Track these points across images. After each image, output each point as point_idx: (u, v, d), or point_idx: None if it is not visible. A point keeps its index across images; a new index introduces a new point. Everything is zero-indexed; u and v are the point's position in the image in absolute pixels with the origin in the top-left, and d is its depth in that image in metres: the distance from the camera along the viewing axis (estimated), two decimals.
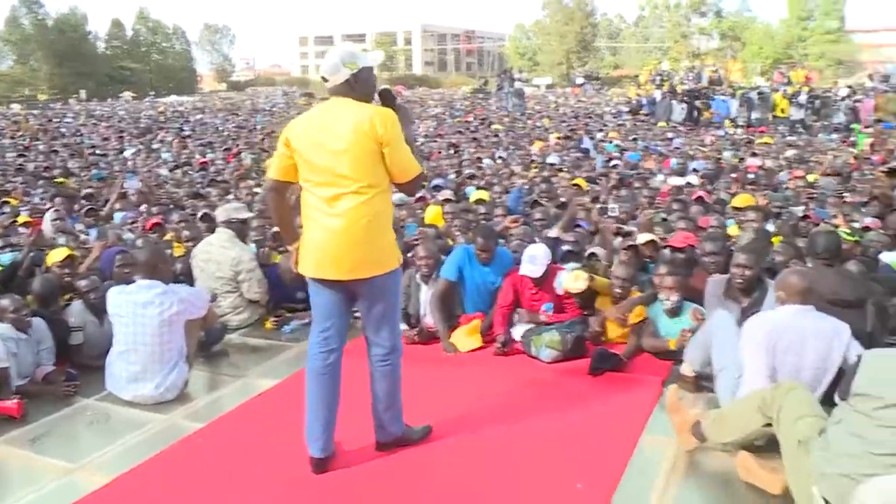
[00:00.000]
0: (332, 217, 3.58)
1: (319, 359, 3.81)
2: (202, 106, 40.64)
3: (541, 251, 5.58)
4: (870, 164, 12.63)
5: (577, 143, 16.94)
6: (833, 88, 28.98)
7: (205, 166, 13.99)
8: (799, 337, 4.00)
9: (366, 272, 3.65)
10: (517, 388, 4.89)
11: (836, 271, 4.76)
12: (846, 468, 3.12)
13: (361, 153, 3.53)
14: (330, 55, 3.67)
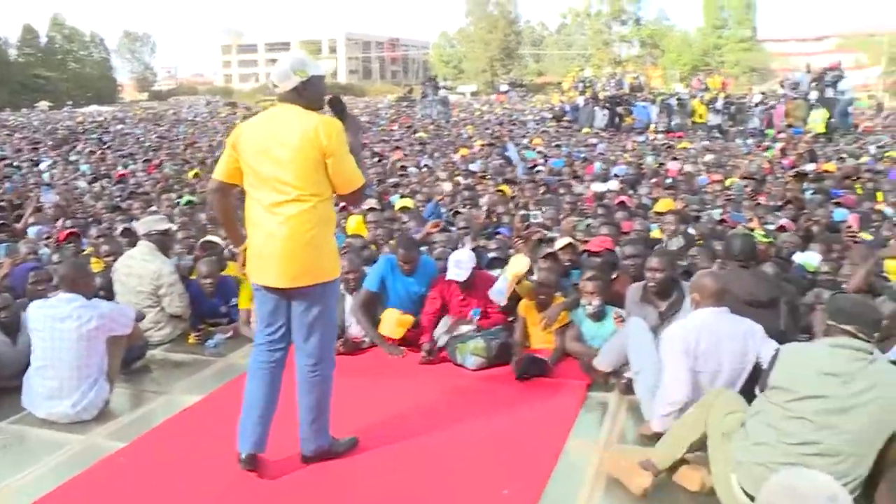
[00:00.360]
0: (275, 223, 3.59)
1: (265, 355, 3.85)
2: (122, 116, 39.65)
3: (465, 255, 5.64)
4: (781, 168, 13.07)
5: (500, 149, 17.08)
6: (748, 95, 29.89)
7: (123, 179, 13.63)
8: (715, 339, 4.11)
9: (305, 281, 3.66)
10: (443, 396, 4.90)
11: (751, 273, 4.87)
12: (761, 457, 3.28)
13: (305, 162, 3.55)
14: (281, 62, 3.70)
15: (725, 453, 3.49)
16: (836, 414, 3.19)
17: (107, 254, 6.61)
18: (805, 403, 3.24)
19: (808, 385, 3.26)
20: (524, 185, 11.03)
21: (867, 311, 3.39)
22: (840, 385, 3.21)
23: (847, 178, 11.40)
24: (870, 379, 3.21)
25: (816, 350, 3.47)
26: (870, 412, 3.17)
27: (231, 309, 6.32)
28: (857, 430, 3.18)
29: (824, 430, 3.20)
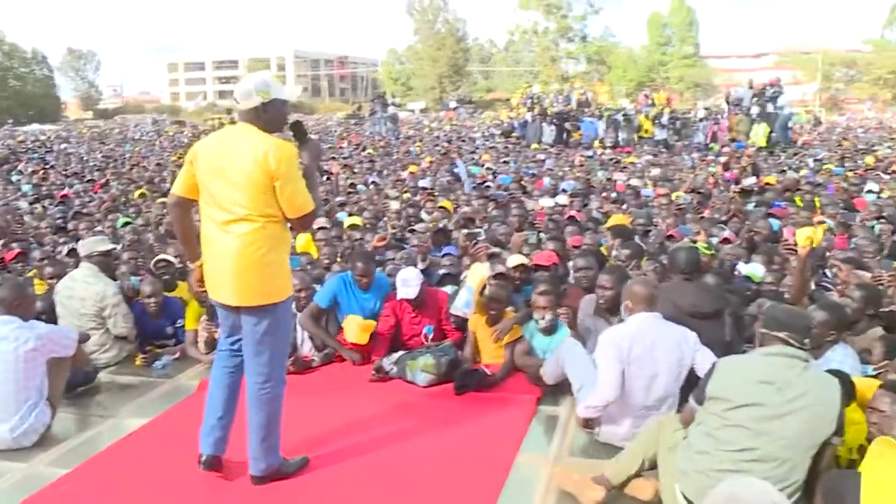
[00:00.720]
0: (226, 242, 3.63)
1: (226, 360, 3.96)
2: (66, 135, 38.92)
3: (412, 274, 5.67)
4: (725, 181, 13.33)
5: (449, 166, 17.16)
6: (692, 110, 30.50)
7: (65, 199, 13.35)
8: (650, 344, 4.20)
9: (255, 300, 3.69)
10: (394, 414, 4.88)
11: (695, 285, 4.94)
12: (702, 465, 3.36)
13: (255, 184, 3.58)
14: (246, 80, 3.74)
15: (670, 464, 3.57)
16: (771, 420, 3.27)
17: (50, 276, 6.48)
18: (742, 411, 3.32)
19: (744, 394, 3.34)
20: (471, 201, 11.08)
21: (799, 319, 3.49)
22: (775, 392, 3.29)
23: (787, 190, 11.68)
24: (804, 386, 3.30)
25: (751, 360, 3.58)
26: (803, 418, 3.26)
27: (178, 330, 6.23)
28: (791, 435, 3.26)
29: (761, 437, 3.27)
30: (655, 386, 4.19)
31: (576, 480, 3.75)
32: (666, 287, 4.85)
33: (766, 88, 24.01)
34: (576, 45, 74.43)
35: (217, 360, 4.03)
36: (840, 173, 14.36)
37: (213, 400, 3.97)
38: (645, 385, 4.19)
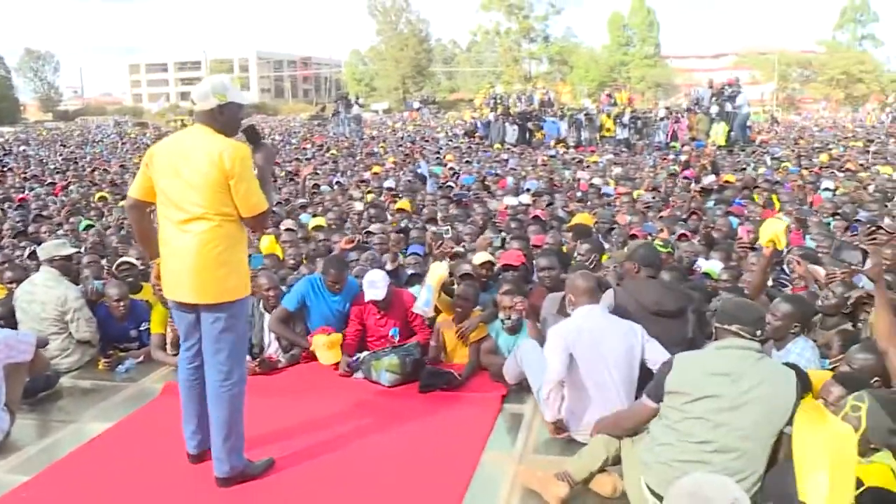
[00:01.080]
0: (183, 241, 3.71)
1: (188, 373, 4.02)
2: (25, 137, 38.24)
3: (379, 276, 5.69)
4: (684, 179, 13.48)
5: (413, 167, 17.17)
6: (653, 109, 30.80)
7: (24, 202, 13.12)
8: (597, 335, 4.33)
9: (212, 297, 3.76)
10: (359, 414, 4.90)
11: (658, 283, 5.00)
12: (664, 456, 3.45)
13: (214, 183, 3.66)
14: (204, 82, 3.84)
15: (634, 457, 3.66)
16: (728, 412, 3.36)
17: (9, 280, 6.40)
18: (700, 404, 3.41)
19: (701, 387, 3.43)
20: (435, 201, 11.10)
21: (749, 311, 3.59)
22: (730, 384, 3.38)
23: (746, 188, 11.88)
24: (758, 376, 3.40)
25: (706, 354, 3.66)
26: (759, 409, 3.35)
27: (142, 333, 6.18)
28: (748, 426, 3.34)
29: (720, 429, 3.36)
30: (608, 377, 4.29)
31: (539, 477, 3.80)
32: (629, 285, 4.91)
33: (725, 88, 24.37)
34: (538, 45, 74.80)
35: (179, 371, 4.10)
36: (795, 172, 14.61)
37: (186, 410, 4.09)
38: (598, 377, 4.29)
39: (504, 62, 74.35)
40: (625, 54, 72.99)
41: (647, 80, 70.21)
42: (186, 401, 4.07)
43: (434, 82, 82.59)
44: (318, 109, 46.73)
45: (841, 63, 65.40)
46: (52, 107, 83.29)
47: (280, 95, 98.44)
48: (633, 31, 73.91)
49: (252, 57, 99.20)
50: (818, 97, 66.34)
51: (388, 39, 79.49)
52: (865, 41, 71.08)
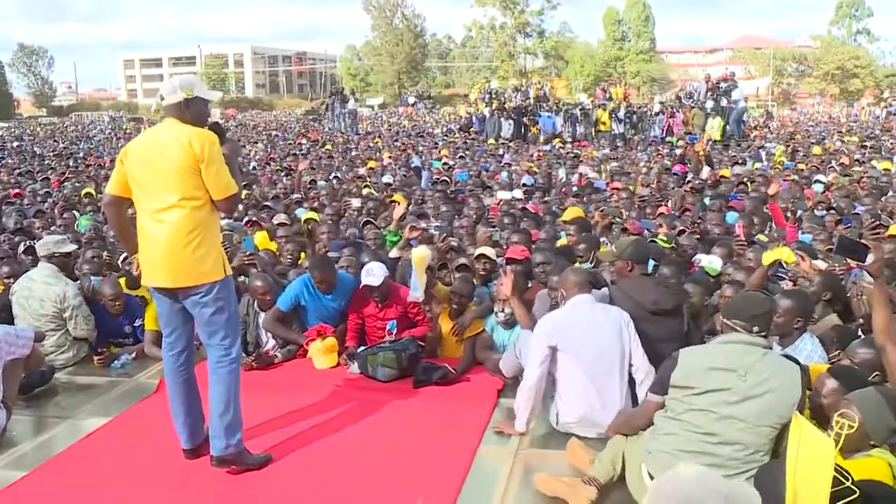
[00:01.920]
0: (159, 229, 3.85)
1: (171, 361, 4.13)
2: (20, 132, 38.13)
3: (376, 265, 5.68)
4: (674, 175, 13.47)
5: (405, 161, 17.19)
6: (649, 104, 30.85)
7: (19, 197, 13.07)
8: (589, 324, 4.36)
9: (190, 280, 3.89)
10: (355, 409, 4.89)
11: (654, 280, 4.96)
12: (668, 446, 3.47)
13: (183, 169, 3.80)
14: (172, 78, 4.05)
15: (636, 446, 3.69)
16: (733, 405, 3.36)
17: (7, 275, 6.38)
18: (705, 397, 3.42)
19: (707, 381, 3.43)
20: (425, 197, 11.11)
21: (756, 306, 3.58)
22: (737, 379, 3.39)
23: (742, 183, 11.88)
24: (766, 371, 3.40)
25: (710, 349, 3.65)
26: (765, 403, 3.35)
27: (136, 329, 6.17)
28: (753, 419, 3.35)
29: (725, 421, 3.37)
30: (601, 365, 4.32)
31: (566, 483, 3.74)
32: (624, 284, 4.89)
33: (720, 83, 24.40)
34: (533, 40, 74.82)
35: (164, 362, 4.19)
36: (790, 167, 14.64)
37: (175, 402, 4.15)
38: (590, 365, 4.32)
39: (499, 57, 74.38)
40: (620, 49, 73.12)
41: (642, 75, 70.35)
42: (174, 392, 4.14)
43: (429, 77, 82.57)
44: (318, 104, 46.52)
45: (836, 58, 65.58)
46: (46, 102, 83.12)
47: (275, 90, 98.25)
48: (628, 26, 74.02)
49: (247, 52, 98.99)
50: (813, 92, 66.50)
51: (383, 35, 79.45)
52: (860, 36, 71.31)
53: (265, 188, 13.30)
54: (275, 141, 28.10)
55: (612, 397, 4.33)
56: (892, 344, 3.70)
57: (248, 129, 37.17)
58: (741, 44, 78.78)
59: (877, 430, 3.11)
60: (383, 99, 71.02)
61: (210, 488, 3.92)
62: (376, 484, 3.93)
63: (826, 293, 5.07)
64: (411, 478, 3.98)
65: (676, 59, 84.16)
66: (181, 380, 4.13)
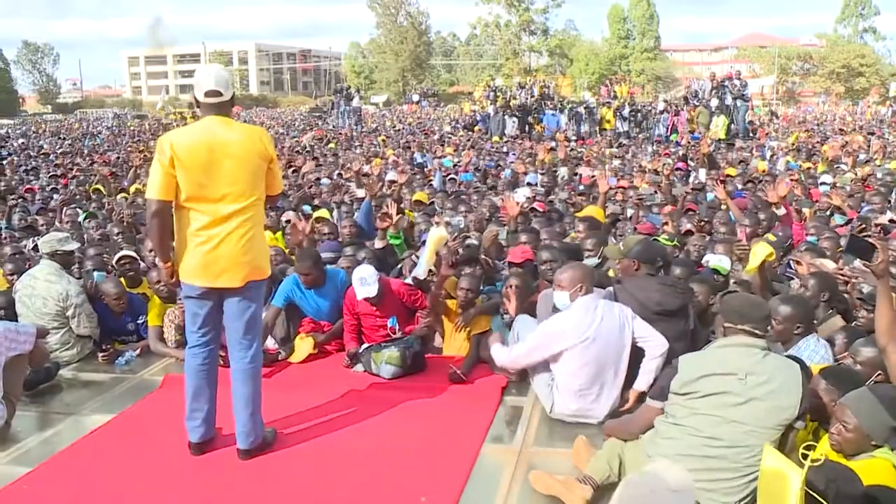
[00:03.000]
0: (226, 229, 3.86)
1: (199, 358, 4.11)
2: (25, 129, 38.18)
3: (368, 271, 5.54)
4: (678, 171, 13.42)
5: (412, 159, 17.18)
6: (653, 102, 30.83)
7: (30, 192, 13.05)
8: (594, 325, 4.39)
9: (249, 277, 3.98)
10: (359, 406, 4.89)
11: (658, 281, 4.90)
12: (669, 450, 3.45)
13: (257, 169, 3.92)
14: (219, 72, 3.97)
15: (637, 449, 3.67)
16: (735, 408, 3.35)
17: (11, 272, 6.38)
18: (707, 401, 3.40)
19: (708, 386, 3.42)
20: (436, 195, 11.10)
21: (755, 308, 3.56)
22: (737, 382, 3.37)
23: (749, 182, 11.84)
24: (766, 373, 3.38)
25: (710, 353, 3.63)
26: (767, 404, 3.33)
27: (139, 326, 6.16)
28: (755, 421, 3.33)
29: (728, 425, 3.35)
30: (601, 363, 4.41)
31: (561, 482, 3.72)
32: (629, 284, 4.87)
33: (726, 81, 24.34)
34: (538, 38, 74.75)
35: (190, 358, 4.14)
36: (795, 167, 14.58)
37: (197, 397, 4.13)
38: (592, 364, 4.40)
39: (504, 55, 74.33)
40: (625, 47, 73.04)
41: (646, 74, 70.24)
42: (198, 388, 4.12)
43: (434, 75, 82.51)
44: (326, 103, 46.44)
45: (841, 56, 65.40)
46: (51, 99, 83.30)
47: (279, 88, 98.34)
48: (633, 24, 73.90)
49: (251, 49, 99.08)
50: (818, 91, 66.33)
51: (387, 32, 79.51)
52: (867, 34, 71.11)
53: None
54: (280, 138, 28.11)
55: (607, 391, 4.46)
56: (894, 344, 3.68)
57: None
58: (746, 42, 78.66)
59: (876, 431, 3.09)
60: (388, 96, 71.07)
61: (215, 485, 3.92)
62: (380, 482, 3.93)
63: (823, 294, 5.02)
64: (415, 476, 3.97)
65: (681, 57, 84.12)
66: (207, 376, 4.15)
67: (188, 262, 3.94)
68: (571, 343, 4.37)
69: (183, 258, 3.95)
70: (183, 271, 3.97)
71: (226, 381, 4.21)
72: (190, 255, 3.92)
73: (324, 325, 5.87)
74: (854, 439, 3.12)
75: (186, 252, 3.93)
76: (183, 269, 3.97)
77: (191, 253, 3.92)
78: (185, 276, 3.98)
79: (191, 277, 3.96)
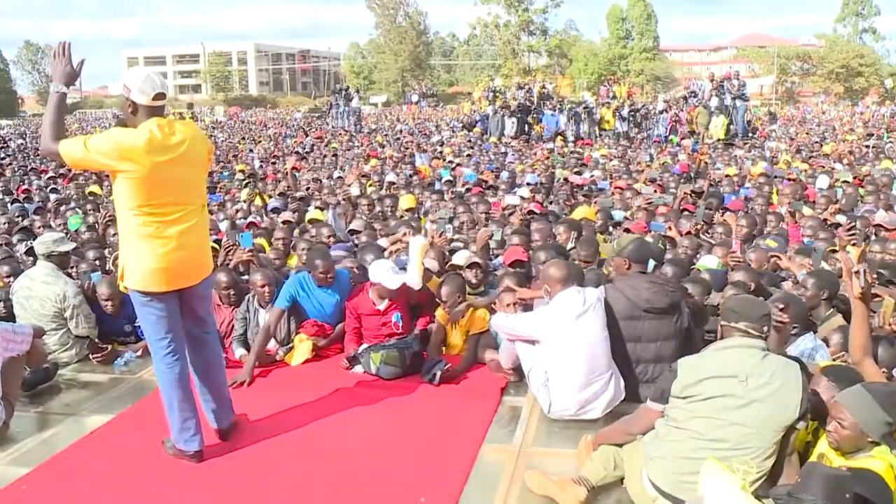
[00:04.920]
0: (187, 228, 3.89)
1: (176, 366, 4.07)
2: (23, 130, 38.16)
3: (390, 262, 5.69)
4: (676, 176, 13.45)
5: (411, 159, 17.19)
6: (652, 103, 30.84)
7: (27, 193, 13.07)
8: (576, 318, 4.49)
9: (206, 273, 4.15)
10: (357, 406, 4.90)
11: (647, 279, 4.88)
12: (671, 453, 3.46)
13: (204, 173, 4.15)
14: (157, 74, 3.93)
15: (637, 452, 3.67)
16: (737, 410, 3.35)
17: (7, 274, 6.39)
18: (708, 403, 3.40)
19: (708, 389, 3.42)
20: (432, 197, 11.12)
21: (755, 308, 3.57)
22: (738, 384, 3.37)
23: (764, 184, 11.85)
24: (765, 374, 3.38)
25: (710, 355, 3.62)
26: (769, 406, 3.34)
27: (136, 328, 6.14)
28: (757, 423, 3.34)
29: (730, 427, 3.35)
30: (589, 356, 4.48)
31: (556, 482, 3.72)
32: (619, 282, 4.89)
33: (725, 82, 24.37)
34: (537, 38, 74.76)
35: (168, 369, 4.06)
36: (796, 172, 14.59)
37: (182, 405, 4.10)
38: (580, 358, 4.47)
39: (503, 55, 74.34)
40: (624, 48, 73.08)
41: (646, 74, 70.25)
42: (183, 397, 4.08)
43: (433, 75, 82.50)
44: (326, 104, 46.46)
45: (840, 56, 65.42)
46: None
47: (279, 88, 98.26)
48: (631, 24, 73.92)
49: (250, 50, 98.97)
50: (817, 90, 66.37)
51: (386, 32, 79.56)
52: (866, 35, 71.14)
53: (269, 186, 13.32)
54: (278, 139, 28.12)
55: (602, 386, 4.52)
56: (868, 359, 3.74)
57: (251, 127, 37.22)
58: (745, 42, 78.70)
59: (871, 426, 3.11)
60: (387, 97, 71.03)
61: (214, 486, 3.93)
62: (379, 483, 3.94)
63: (823, 292, 5.04)
64: (414, 476, 3.98)
65: (680, 57, 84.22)
66: (187, 381, 4.13)
67: (145, 267, 3.82)
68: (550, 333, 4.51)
69: (138, 265, 3.83)
70: (139, 279, 3.85)
71: None
72: (147, 259, 3.81)
73: (326, 327, 5.87)
74: (850, 436, 3.14)
75: (143, 258, 3.81)
76: (139, 277, 3.85)
77: (149, 257, 3.81)
78: (141, 284, 3.86)
79: (150, 284, 3.86)
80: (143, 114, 3.81)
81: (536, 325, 4.59)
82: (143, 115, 3.81)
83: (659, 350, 4.72)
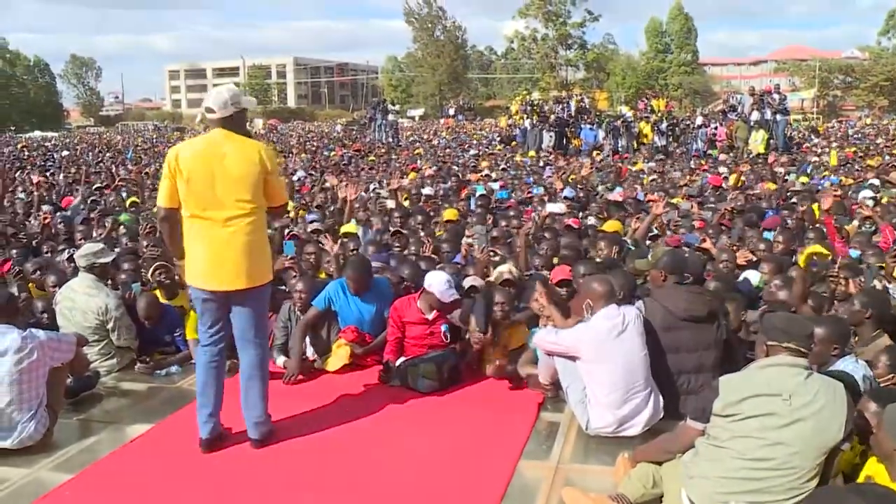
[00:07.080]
0: (227, 233, 4.16)
1: (210, 353, 4.40)
2: (68, 141, 38.93)
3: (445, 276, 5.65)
4: (713, 189, 13.28)
5: (448, 173, 17.20)
6: (691, 117, 30.56)
7: (68, 206, 13.25)
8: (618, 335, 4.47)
9: (254, 281, 4.26)
10: (395, 420, 4.91)
11: (686, 289, 4.89)
12: (712, 472, 3.39)
13: (254, 180, 4.19)
14: (219, 91, 4.30)
15: (677, 471, 3.61)
16: (780, 430, 3.28)
17: (52, 284, 6.48)
18: (750, 422, 3.33)
19: (752, 406, 3.35)
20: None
21: (799, 326, 3.50)
22: (782, 402, 3.30)
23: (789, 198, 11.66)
24: (808, 393, 3.31)
25: (753, 373, 3.54)
26: (812, 426, 3.26)
27: (176, 339, 6.20)
28: (801, 443, 3.26)
29: (774, 446, 3.28)
30: (629, 373, 4.45)
31: (593, 499, 3.70)
32: (657, 294, 4.87)
33: (765, 95, 24.07)
34: (575, 52, 74.64)
35: (202, 354, 4.44)
36: (836, 182, 14.35)
37: (206, 393, 4.41)
38: (620, 375, 4.44)
39: (540, 69, 74.30)
40: (662, 61, 72.69)
41: (684, 87, 69.77)
42: (207, 384, 4.39)
43: (470, 89, 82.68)
44: (365, 117, 46.80)
45: (885, 69, 64.38)
46: (94, 112, 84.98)
47: (317, 101, 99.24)
48: (671, 38, 73.52)
49: (289, 63, 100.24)
50: (860, 104, 65.35)
51: (424, 46, 79.92)
52: None
53: (306, 198, 13.40)
54: (316, 151, 28.33)
55: (642, 402, 4.49)
56: None
57: (289, 140, 37.59)
58: (785, 55, 77.86)
59: None
60: (424, 110, 71.30)
61: (252, 496, 3.95)
62: (414, 497, 3.93)
63: (867, 311, 4.88)
64: (450, 491, 3.97)
65: (719, 70, 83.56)
66: (216, 373, 4.41)
67: (194, 267, 4.27)
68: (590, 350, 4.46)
69: (189, 263, 4.29)
70: (190, 276, 4.30)
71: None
72: (195, 260, 4.25)
73: (367, 336, 5.87)
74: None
75: (192, 258, 4.27)
76: (190, 273, 4.30)
77: (195, 259, 4.25)
78: (192, 280, 4.31)
79: (197, 281, 4.28)
80: (210, 124, 4.29)
81: (576, 341, 4.55)
82: (209, 125, 4.30)
83: (700, 360, 4.67)
